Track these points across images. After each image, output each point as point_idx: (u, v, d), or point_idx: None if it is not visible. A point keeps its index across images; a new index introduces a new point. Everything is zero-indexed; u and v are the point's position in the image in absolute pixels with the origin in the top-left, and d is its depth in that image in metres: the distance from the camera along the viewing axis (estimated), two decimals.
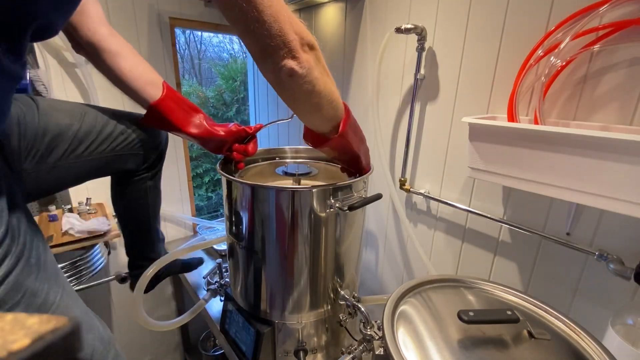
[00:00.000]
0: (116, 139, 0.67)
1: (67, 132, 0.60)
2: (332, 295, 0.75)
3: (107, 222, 1.06)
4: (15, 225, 0.44)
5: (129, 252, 0.85)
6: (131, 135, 0.69)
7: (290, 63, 0.47)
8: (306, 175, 0.80)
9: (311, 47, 0.49)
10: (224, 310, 0.87)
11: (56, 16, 0.42)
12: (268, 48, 0.46)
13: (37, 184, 0.58)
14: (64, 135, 0.60)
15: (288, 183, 0.82)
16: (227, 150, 0.76)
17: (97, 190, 1.20)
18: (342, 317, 0.78)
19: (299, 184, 0.76)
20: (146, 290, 0.81)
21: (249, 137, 0.78)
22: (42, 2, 0.39)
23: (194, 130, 0.71)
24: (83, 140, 0.62)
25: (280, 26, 0.44)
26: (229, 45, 2.70)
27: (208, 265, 1.13)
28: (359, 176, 0.71)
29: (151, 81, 0.67)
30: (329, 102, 0.55)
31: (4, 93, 0.41)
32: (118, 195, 0.77)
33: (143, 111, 0.68)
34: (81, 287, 1.01)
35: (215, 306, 1.01)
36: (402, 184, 0.92)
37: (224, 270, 0.96)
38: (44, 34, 0.42)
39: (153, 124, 0.70)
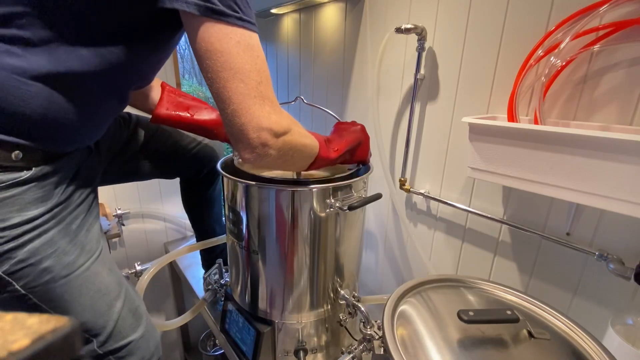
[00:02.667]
0: (179, 154, 0.85)
1: (144, 141, 0.79)
2: (332, 295, 0.75)
3: (107, 222, 1.06)
4: (76, 200, 0.56)
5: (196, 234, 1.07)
6: (191, 151, 0.86)
7: (247, 155, 0.49)
8: None
9: (280, 135, 0.49)
10: (224, 310, 0.87)
11: (154, 76, 0.62)
12: (229, 132, 0.48)
13: (120, 173, 0.78)
14: (142, 142, 0.79)
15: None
16: None
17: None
18: (342, 317, 0.78)
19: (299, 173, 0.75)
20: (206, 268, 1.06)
21: None
22: (151, 77, 0.62)
23: (206, 117, 0.75)
24: (155, 149, 0.81)
25: (243, 122, 0.46)
26: None
27: None
28: (361, 165, 0.71)
29: (150, 87, 0.74)
30: (300, 161, 0.58)
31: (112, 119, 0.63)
32: (183, 197, 1.01)
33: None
34: None
35: (215, 306, 1.01)
36: (402, 184, 0.92)
37: (224, 270, 0.96)
38: (143, 86, 0.64)
39: (164, 123, 0.75)
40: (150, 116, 0.73)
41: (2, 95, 0.43)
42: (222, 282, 0.95)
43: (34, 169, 0.49)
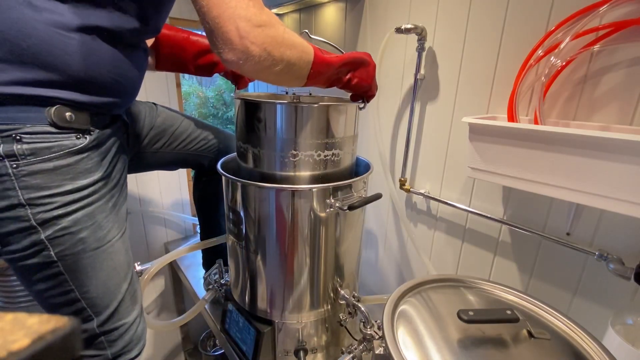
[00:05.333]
0: (199, 142, 0.89)
1: (168, 130, 0.83)
2: (332, 294, 0.75)
3: None
4: (113, 178, 0.60)
5: (202, 233, 1.06)
6: (209, 142, 0.91)
7: (228, 55, 0.46)
8: (306, 95, 0.82)
9: (260, 25, 0.45)
10: (224, 310, 0.87)
11: (162, 24, 0.62)
12: (207, 32, 0.46)
13: (145, 161, 0.81)
14: (166, 131, 0.82)
15: (288, 99, 0.83)
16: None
17: None
18: (342, 317, 0.78)
19: (299, 101, 0.74)
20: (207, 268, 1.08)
21: None
22: (163, 20, 0.61)
23: (199, 39, 0.79)
24: (177, 138, 0.84)
25: (217, 14, 0.44)
26: None
27: None
28: (363, 102, 0.69)
29: None
30: (295, 68, 0.53)
31: (145, 69, 0.63)
32: (196, 187, 1.02)
33: None
34: None
35: (215, 306, 1.01)
36: (402, 184, 0.92)
37: (224, 270, 0.96)
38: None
39: (168, 65, 0.80)
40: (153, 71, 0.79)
41: (50, 50, 0.45)
42: (222, 282, 0.95)
43: (87, 137, 0.52)
